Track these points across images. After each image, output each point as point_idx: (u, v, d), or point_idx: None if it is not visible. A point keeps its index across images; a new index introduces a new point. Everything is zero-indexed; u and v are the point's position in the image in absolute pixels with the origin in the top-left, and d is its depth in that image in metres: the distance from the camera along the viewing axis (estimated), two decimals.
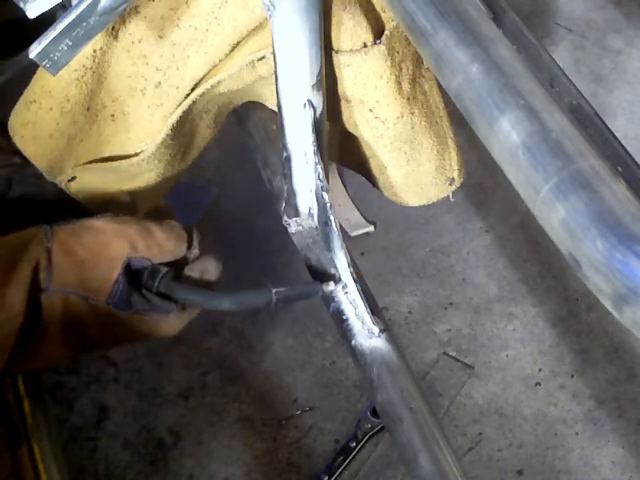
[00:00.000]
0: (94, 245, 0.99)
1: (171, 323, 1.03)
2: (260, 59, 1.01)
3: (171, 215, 1.16)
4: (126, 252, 1.00)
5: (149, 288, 1.02)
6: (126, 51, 1.01)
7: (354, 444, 1.61)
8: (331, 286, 1.04)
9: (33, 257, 0.96)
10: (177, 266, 1.05)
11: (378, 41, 0.99)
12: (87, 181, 1.12)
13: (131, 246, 1.00)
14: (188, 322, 1.05)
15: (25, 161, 1.10)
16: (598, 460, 1.61)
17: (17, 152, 1.09)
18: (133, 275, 1.01)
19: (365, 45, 0.99)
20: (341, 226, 1.06)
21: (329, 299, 1.07)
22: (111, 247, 0.99)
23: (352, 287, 1.05)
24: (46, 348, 1.00)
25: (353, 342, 1.05)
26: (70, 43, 0.87)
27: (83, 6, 0.86)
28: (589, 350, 1.74)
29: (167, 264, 1.04)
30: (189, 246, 1.06)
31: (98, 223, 1.02)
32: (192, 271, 1.05)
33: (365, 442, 1.62)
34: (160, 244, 1.02)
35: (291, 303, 1.04)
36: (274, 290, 1.00)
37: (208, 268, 1.06)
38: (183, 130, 1.07)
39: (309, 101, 0.99)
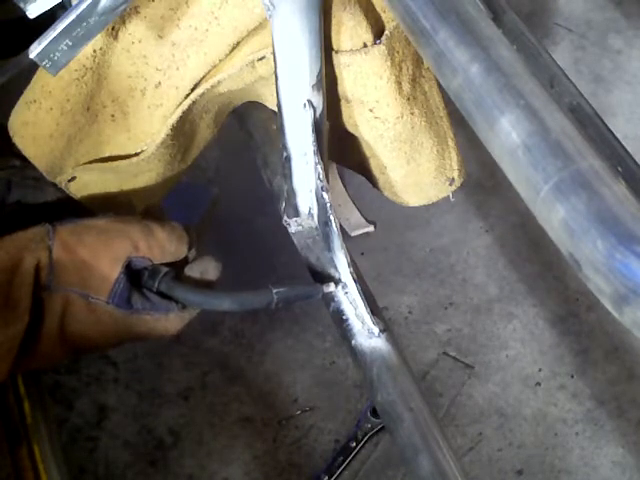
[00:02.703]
0: (95, 244, 0.99)
1: (171, 323, 1.03)
2: (260, 59, 1.01)
3: (164, 217, 1.16)
4: (128, 251, 1.00)
5: (149, 288, 1.02)
6: (126, 51, 1.01)
7: (354, 444, 1.61)
8: (331, 287, 1.04)
9: (35, 255, 0.96)
10: (177, 266, 1.05)
11: (378, 41, 0.99)
12: (87, 181, 1.12)
13: (133, 246, 1.00)
14: (188, 322, 1.05)
15: (24, 163, 1.10)
16: (598, 460, 1.61)
17: (16, 154, 1.09)
18: (133, 275, 1.01)
19: (365, 45, 0.99)
20: (341, 226, 1.06)
21: (329, 299, 1.07)
22: (112, 246, 1.00)
23: (352, 287, 1.05)
24: (45, 347, 1.00)
25: (353, 342, 1.05)
26: (70, 43, 0.87)
27: (83, 6, 0.86)
28: (589, 350, 1.74)
29: (167, 264, 1.04)
30: (190, 247, 1.06)
31: (100, 222, 1.02)
32: (192, 271, 1.06)
33: (365, 442, 1.62)
34: (162, 245, 1.02)
35: (291, 304, 1.04)
36: (274, 290, 1.00)
37: (208, 268, 1.06)
38: (183, 130, 1.07)
39: (309, 101, 0.99)
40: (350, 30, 0.98)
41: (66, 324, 1.00)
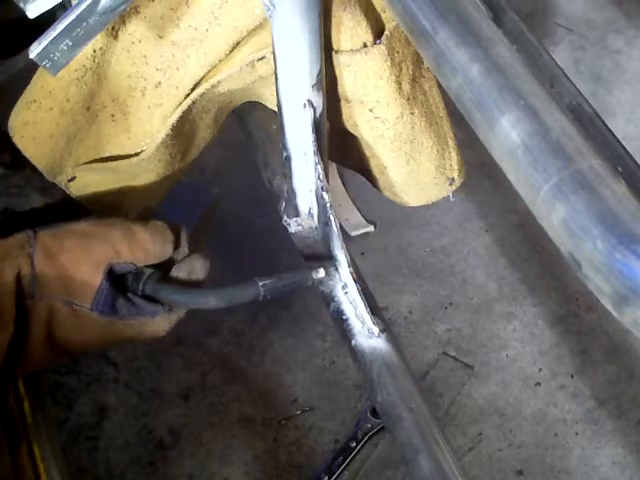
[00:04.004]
0: (76, 249, 0.97)
1: (158, 325, 1.01)
2: (260, 59, 1.01)
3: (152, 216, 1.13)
4: (109, 256, 0.97)
5: (134, 291, 0.99)
6: (126, 51, 1.01)
7: (354, 444, 1.61)
8: (320, 273, 1.00)
9: (15, 264, 0.94)
10: (165, 267, 1.02)
11: (378, 41, 0.99)
12: (87, 181, 1.12)
13: (114, 250, 0.98)
14: (176, 322, 1.02)
15: (7, 171, 1.09)
16: (598, 460, 1.61)
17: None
18: (117, 279, 0.99)
19: (365, 45, 0.99)
20: (341, 226, 1.06)
21: (329, 299, 1.07)
22: (93, 251, 0.97)
23: (352, 287, 1.05)
24: (34, 354, 0.99)
25: (353, 342, 1.05)
26: (70, 43, 0.87)
27: (83, 6, 0.86)
28: (589, 350, 1.74)
29: (155, 265, 1.01)
30: (177, 246, 1.03)
31: (81, 226, 1.00)
32: (179, 271, 1.02)
33: (365, 442, 1.62)
34: (145, 247, 0.99)
35: (281, 295, 1.00)
36: (260, 283, 0.97)
37: (195, 267, 1.03)
38: (183, 130, 1.07)
39: (309, 101, 0.99)
40: (350, 30, 0.98)
41: (53, 331, 0.98)
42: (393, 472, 1.59)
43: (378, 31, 1.00)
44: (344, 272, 1.05)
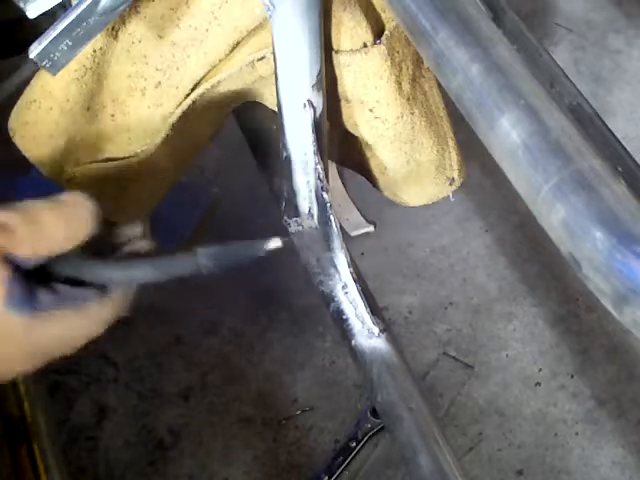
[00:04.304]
0: None
1: (93, 316, 0.84)
2: (260, 59, 1.01)
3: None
4: (7, 247, 0.78)
5: (56, 278, 0.83)
6: (126, 51, 1.01)
7: (354, 444, 1.61)
8: (275, 242, 0.84)
9: None
10: (104, 250, 0.86)
11: (378, 41, 0.99)
12: (87, 181, 1.12)
13: (13, 239, 0.79)
14: (115, 317, 0.85)
15: None
16: (598, 460, 1.61)
17: None
18: (37, 267, 0.81)
19: (365, 45, 0.99)
20: (341, 226, 1.06)
21: (329, 299, 1.07)
22: None
23: (352, 287, 1.05)
24: None
25: (353, 342, 1.05)
26: (70, 43, 0.87)
27: (83, 6, 0.86)
28: (589, 350, 1.74)
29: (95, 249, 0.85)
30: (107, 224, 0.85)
31: None
32: (120, 251, 0.87)
33: (365, 442, 1.62)
34: (48, 233, 0.80)
35: (230, 267, 0.87)
36: (202, 252, 0.83)
37: (140, 244, 0.87)
38: (183, 130, 1.07)
39: (309, 101, 0.99)
40: (350, 30, 0.98)
41: None
42: (393, 472, 1.59)
43: (378, 31, 1.00)
44: (344, 272, 1.05)
